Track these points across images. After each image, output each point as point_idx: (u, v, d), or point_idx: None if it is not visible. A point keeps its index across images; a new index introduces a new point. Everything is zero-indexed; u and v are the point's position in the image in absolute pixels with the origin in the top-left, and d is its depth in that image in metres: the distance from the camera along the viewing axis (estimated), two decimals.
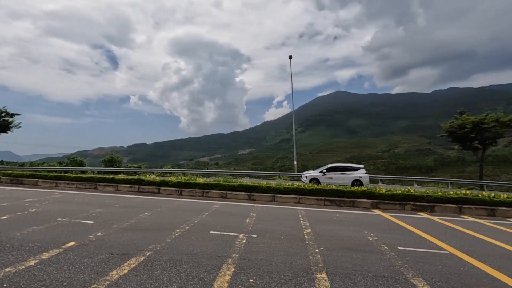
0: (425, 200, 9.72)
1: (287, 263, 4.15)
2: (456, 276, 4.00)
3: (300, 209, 9.03)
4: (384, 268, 4.14)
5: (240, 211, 8.37)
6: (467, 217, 9.13)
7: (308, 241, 5.34)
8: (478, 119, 23.21)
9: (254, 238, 5.39)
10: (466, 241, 6.03)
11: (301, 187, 10.69)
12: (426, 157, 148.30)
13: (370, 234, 6.09)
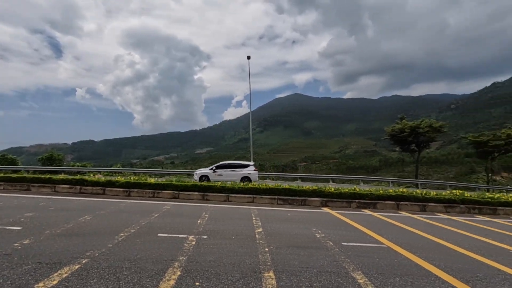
0: (369, 198, 10.51)
1: (236, 263, 4.12)
2: (390, 268, 4.35)
3: (254, 208, 9.10)
4: (328, 264, 4.34)
5: (192, 211, 8.15)
6: (403, 212, 10.09)
7: (259, 240, 5.39)
8: (415, 124, 25.95)
9: (205, 239, 5.27)
10: (401, 234, 6.64)
11: (256, 186, 10.80)
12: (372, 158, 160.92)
13: (318, 231, 6.37)
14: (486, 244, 6.17)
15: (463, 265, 4.68)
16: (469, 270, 4.45)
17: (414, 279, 3.96)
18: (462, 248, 5.68)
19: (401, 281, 3.88)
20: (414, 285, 3.76)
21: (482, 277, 4.18)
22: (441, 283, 3.88)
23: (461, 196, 11.06)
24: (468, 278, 4.11)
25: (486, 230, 7.86)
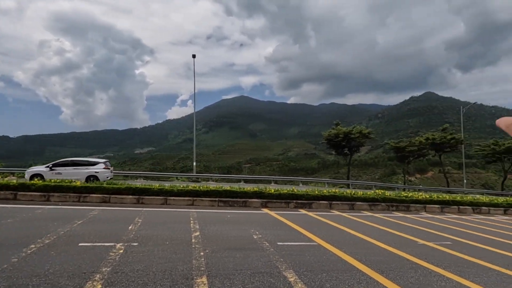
0: (305, 198, 11.12)
1: (167, 270, 3.91)
2: (319, 264, 4.64)
3: (193, 211, 8.84)
4: (262, 264, 4.42)
5: (124, 216, 7.53)
6: (335, 211, 10.92)
7: (194, 245, 5.22)
8: (347, 130, 28.57)
9: (134, 246, 4.90)
10: (331, 232, 7.15)
11: (196, 188, 10.51)
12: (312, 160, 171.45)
13: (256, 232, 6.47)
14: (399, 238, 7.04)
15: (380, 257, 5.24)
16: (384, 261, 5.00)
17: (339, 273, 4.28)
18: (380, 242, 6.36)
19: (328, 276, 4.15)
20: (338, 279, 4.05)
21: (394, 267, 4.73)
22: (361, 275, 4.27)
23: (382, 195, 12.48)
24: (383, 269, 4.61)
25: (400, 225, 8.98)
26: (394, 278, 4.22)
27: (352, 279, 4.09)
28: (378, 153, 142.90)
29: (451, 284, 4.17)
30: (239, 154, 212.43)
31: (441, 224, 9.59)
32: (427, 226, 8.98)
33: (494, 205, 14.15)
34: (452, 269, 4.78)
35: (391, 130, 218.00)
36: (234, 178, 28.61)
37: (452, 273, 4.58)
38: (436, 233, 7.90)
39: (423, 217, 11.09)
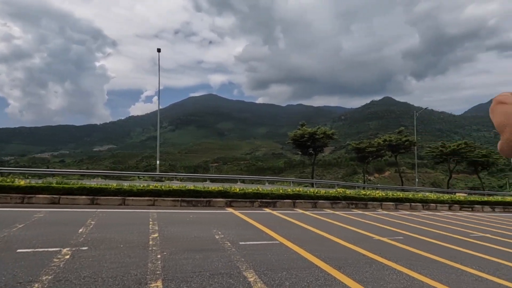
0: (270, 197, 11.21)
1: (118, 276, 3.64)
2: (280, 263, 4.65)
3: (154, 212, 8.45)
4: (222, 265, 4.31)
5: (74, 219, 6.96)
6: (298, 209, 11.15)
7: (152, 247, 4.95)
8: (312, 131, 29.48)
9: (83, 251, 4.51)
10: (293, 230, 7.25)
11: (157, 188, 10.08)
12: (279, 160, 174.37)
13: (218, 232, 6.34)
14: (357, 234, 7.35)
15: (338, 254, 5.41)
16: (342, 258, 5.16)
17: (298, 271, 4.32)
18: (339, 238, 6.58)
19: (288, 274, 4.16)
20: (298, 277, 4.09)
21: (351, 263, 4.90)
22: (319, 272, 4.35)
23: (343, 193, 13.02)
24: (341, 265, 4.75)
25: (358, 221, 9.40)
26: (350, 273, 4.36)
27: (311, 276, 4.15)
28: (341, 154, 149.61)
29: (401, 276, 4.41)
30: (207, 153, 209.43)
31: (395, 220, 10.22)
32: (382, 222, 9.50)
33: (440, 201, 15.47)
34: (403, 263, 5.07)
35: (354, 132, 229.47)
36: (200, 177, 28.09)
37: (403, 266, 4.86)
38: (390, 228, 8.38)
39: (380, 213, 11.75)
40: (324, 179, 77.10)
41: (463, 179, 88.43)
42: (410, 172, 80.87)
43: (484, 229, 9.53)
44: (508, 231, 9.49)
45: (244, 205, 10.75)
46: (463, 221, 11.42)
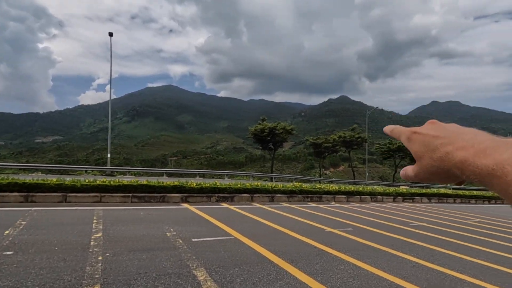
0: (227, 192, 11.07)
1: (48, 283, 3.23)
2: (233, 259, 4.55)
3: (99, 209, 7.79)
4: (171, 265, 4.08)
5: (0, 219, 6.10)
6: (256, 204, 11.19)
7: (93, 248, 4.52)
8: (273, 125, 29.92)
9: (8, 256, 3.94)
10: (249, 225, 7.22)
11: (105, 183, 9.33)
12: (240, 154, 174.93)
13: (170, 230, 6.04)
14: (311, 227, 7.58)
15: (291, 247, 5.49)
16: (295, 251, 5.24)
17: (251, 267, 4.27)
18: (293, 231, 6.71)
19: (240, 270, 4.09)
20: (249, 273, 4.03)
21: (303, 256, 5.00)
22: (272, 266, 4.35)
23: (299, 187, 13.40)
24: (293, 258, 4.81)
25: (312, 214, 9.73)
26: (302, 266, 4.44)
27: (263, 271, 4.13)
28: (300, 149, 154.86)
29: (348, 266, 4.60)
30: (165, 146, 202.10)
31: (345, 212, 10.78)
32: (334, 214, 9.96)
33: (386, 194, 16.76)
34: (351, 253, 5.31)
35: (312, 128, 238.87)
36: (156, 171, 26.85)
37: (350, 257, 5.09)
38: (341, 220, 8.80)
39: (332, 206, 12.32)
40: (283, 173, 79.20)
41: None
42: (362, 166, 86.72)
43: (421, 219, 10.50)
44: (442, 220, 10.59)
45: (201, 200, 10.48)
46: (405, 211, 12.48)
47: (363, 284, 3.95)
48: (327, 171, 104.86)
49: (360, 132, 38.84)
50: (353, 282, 3.98)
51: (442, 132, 0.35)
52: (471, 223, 10.50)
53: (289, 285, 3.74)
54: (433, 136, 0.35)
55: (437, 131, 0.35)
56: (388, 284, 4.00)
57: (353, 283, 3.95)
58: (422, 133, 0.37)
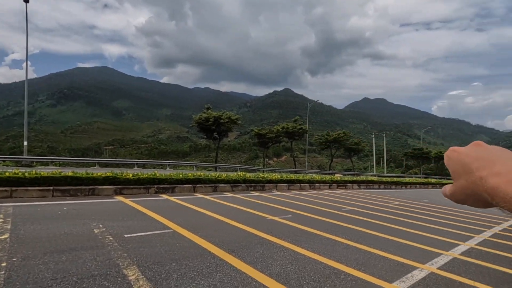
0: (168, 182, 10.52)
1: None
2: (170, 253, 4.28)
3: (8, 206, 6.61)
4: (97, 265, 3.64)
5: None
6: (199, 194, 10.88)
7: None
8: (218, 115, 29.42)
9: None
10: (190, 217, 6.95)
11: (17, 175, 7.95)
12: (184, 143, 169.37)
13: (99, 226, 5.43)
14: (253, 215, 7.65)
15: (233, 237, 5.43)
16: (236, 240, 5.20)
17: (189, 260, 4.06)
18: (235, 221, 6.67)
19: (177, 265, 3.86)
20: (188, 267, 3.83)
21: (244, 245, 4.98)
22: (211, 258, 4.22)
23: (243, 177, 13.48)
24: (234, 248, 4.75)
25: (255, 203, 9.87)
26: (242, 256, 4.40)
27: (202, 264, 3.97)
28: (245, 139, 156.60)
29: (287, 252, 4.74)
30: (99, 134, 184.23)
31: (286, 200, 11.22)
32: (276, 202, 10.27)
33: (323, 182, 18.02)
34: (290, 239, 5.49)
35: (258, 119, 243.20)
36: (87, 161, 24.21)
37: (289, 243, 5.25)
38: (282, 208, 9.11)
39: (274, 194, 12.71)
40: (228, 163, 79.37)
41: (340, 163, 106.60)
42: (302, 156, 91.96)
43: (352, 204, 11.53)
44: (369, 204, 11.79)
45: (138, 192, 9.74)
46: (338, 197, 13.57)
47: (300, 268, 4.10)
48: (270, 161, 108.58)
49: (302, 124, 40.84)
50: (291, 268, 4.10)
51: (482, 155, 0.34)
52: (392, 206, 11.93)
53: (229, 276, 3.67)
54: (473, 158, 0.34)
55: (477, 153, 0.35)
56: (322, 267, 4.23)
57: (291, 269, 4.06)
58: (462, 153, 0.36)
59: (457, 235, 7.17)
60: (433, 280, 4.07)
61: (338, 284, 3.69)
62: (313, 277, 3.84)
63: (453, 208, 12.46)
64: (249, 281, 3.57)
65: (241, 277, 3.66)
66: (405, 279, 4.03)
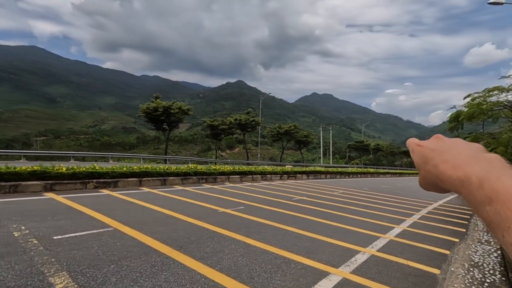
0: (110, 176, 9.62)
1: None
2: (109, 254, 3.86)
3: None
4: (14, 275, 3.08)
5: None
6: (145, 188, 10.19)
7: None
8: (167, 104, 27.91)
9: None
10: (134, 213, 6.42)
11: None
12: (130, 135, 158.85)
13: (21, 228, 4.68)
14: (204, 208, 7.40)
15: (182, 232, 5.14)
16: (185, 236, 4.93)
17: (131, 260, 3.71)
18: (185, 215, 6.36)
19: (117, 267, 3.48)
20: (129, 268, 3.49)
21: (194, 240, 4.75)
22: (157, 257, 3.91)
23: (194, 169, 13.03)
24: (183, 244, 4.49)
25: (207, 196, 9.60)
26: (191, 252, 4.18)
27: (146, 264, 3.65)
28: (197, 130, 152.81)
29: (239, 245, 4.65)
30: (28, 123, 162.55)
31: (239, 191, 11.17)
32: (228, 194, 10.13)
33: (274, 173, 18.44)
34: (242, 231, 5.41)
35: (211, 110, 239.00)
36: (13, 154, 21.00)
37: (241, 235, 5.17)
38: (234, 200, 9.01)
39: (226, 186, 12.57)
40: (180, 155, 76.70)
41: (291, 154, 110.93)
42: (255, 148, 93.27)
43: (302, 193, 11.98)
44: (317, 193, 12.37)
45: (74, 188, 8.71)
46: (289, 187, 13.99)
47: (252, 260, 4.04)
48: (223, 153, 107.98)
49: (254, 116, 41.16)
50: (243, 260, 4.02)
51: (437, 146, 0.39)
52: (337, 194, 12.70)
53: (176, 274, 3.43)
54: (430, 149, 0.39)
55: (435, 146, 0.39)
56: (273, 257, 4.23)
57: (242, 261, 3.98)
58: (423, 146, 0.40)
59: (392, 219, 7.90)
60: (373, 262, 4.36)
61: (289, 273, 3.71)
62: (264, 268, 3.81)
63: (388, 195, 13.78)
64: (198, 278, 3.39)
65: (190, 275, 3.45)
66: (349, 263, 4.25)
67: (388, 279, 3.80)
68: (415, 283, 3.77)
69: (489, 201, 0.28)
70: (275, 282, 3.45)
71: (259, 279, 3.49)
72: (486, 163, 0.32)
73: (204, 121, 38.88)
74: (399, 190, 16.80)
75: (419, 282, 3.83)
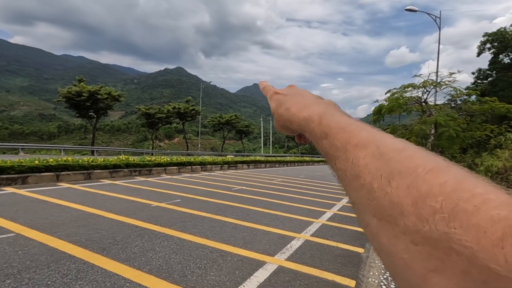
0: (16, 171, 8.09)
1: None
2: (5, 267, 3.16)
3: None
4: None
5: None
6: (64, 184, 8.89)
7: None
8: (94, 89, 24.79)
9: None
10: (46, 213, 5.49)
11: None
12: (50, 123, 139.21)
13: None
14: (135, 203, 6.76)
15: (105, 232, 4.57)
16: (109, 236, 4.38)
17: (37, 272, 3.11)
18: (111, 213, 5.70)
19: (15, 282, 2.86)
20: (33, 281, 2.91)
21: (119, 240, 4.25)
22: (72, 263, 3.36)
23: (125, 160, 11.90)
24: (106, 245, 3.98)
25: (139, 189, 8.85)
26: (116, 254, 3.72)
27: (56, 273, 3.09)
28: (132, 119, 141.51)
29: (172, 241, 4.32)
30: None
31: (176, 183, 10.61)
32: (164, 187, 9.52)
33: (214, 163, 18.14)
34: (177, 226, 5.08)
35: (147, 98, 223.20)
36: None
37: (175, 230, 4.84)
38: (170, 192, 8.49)
39: (163, 179, 11.83)
40: (111, 146, 70.02)
41: (233, 144, 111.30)
42: (196, 138, 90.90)
43: (242, 183, 12.00)
44: (257, 182, 12.55)
45: None
46: (229, 177, 13.91)
47: (185, 257, 3.78)
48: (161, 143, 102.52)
49: (195, 105, 39.76)
50: (175, 258, 3.73)
51: (290, 92, 0.44)
52: (276, 182, 13.11)
53: (94, 282, 2.98)
54: (284, 95, 0.44)
55: (288, 92, 0.44)
56: (209, 251, 4.04)
57: (175, 259, 3.69)
58: (279, 93, 0.45)
59: (325, 204, 8.45)
60: (307, 247, 4.53)
61: (225, 267, 3.58)
62: (199, 264, 3.60)
63: (322, 181, 14.81)
64: (122, 283, 3.00)
65: (112, 281, 3.04)
66: (285, 250, 4.32)
67: (320, 262, 3.97)
68: (343, 263, 4.02)
69: (325, 135, 0.32)
70: (210, 278, 3.28)
71: (193, 277, 3.27)
72: (325, 105, 0.37)
73: (139, 109, 35.92)
74: (331, 177, 18.23)
75: (347, 262, 4.10)
